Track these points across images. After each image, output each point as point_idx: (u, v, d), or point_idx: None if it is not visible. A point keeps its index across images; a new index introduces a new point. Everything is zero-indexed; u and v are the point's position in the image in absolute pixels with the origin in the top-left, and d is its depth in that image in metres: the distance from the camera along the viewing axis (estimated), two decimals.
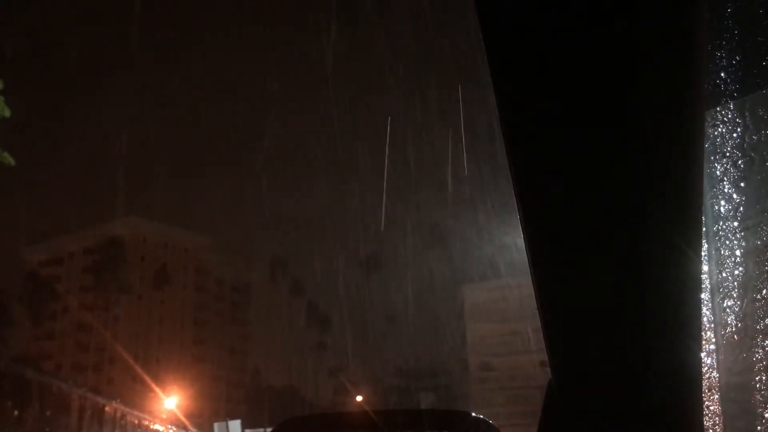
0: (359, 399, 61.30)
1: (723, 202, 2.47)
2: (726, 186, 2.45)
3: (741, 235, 2.57)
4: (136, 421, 18.79)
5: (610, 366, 1.10)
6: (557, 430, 1.23)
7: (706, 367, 2.65)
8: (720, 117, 2.30)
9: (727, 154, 2.40)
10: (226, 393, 78.25)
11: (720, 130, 2.34)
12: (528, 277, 1.10)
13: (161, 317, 77.90)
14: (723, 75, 1.99)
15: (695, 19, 0.93)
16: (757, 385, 2.71)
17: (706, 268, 2.55)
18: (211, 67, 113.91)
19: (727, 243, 2.57)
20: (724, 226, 2.53)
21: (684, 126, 0.97)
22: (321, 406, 68.90)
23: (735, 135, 2.36)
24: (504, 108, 0.99)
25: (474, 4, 0.93)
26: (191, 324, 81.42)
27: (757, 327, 2.66)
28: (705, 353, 2.64)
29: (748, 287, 2.61)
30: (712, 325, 2.65)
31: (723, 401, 2.72)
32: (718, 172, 2.43)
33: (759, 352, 2.68)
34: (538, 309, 1.11)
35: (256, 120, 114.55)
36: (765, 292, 2.60)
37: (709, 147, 2.43)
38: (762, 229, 2.59)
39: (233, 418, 33.17)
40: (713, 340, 2.67)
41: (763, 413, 2.70)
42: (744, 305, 2.63)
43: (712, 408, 2.69)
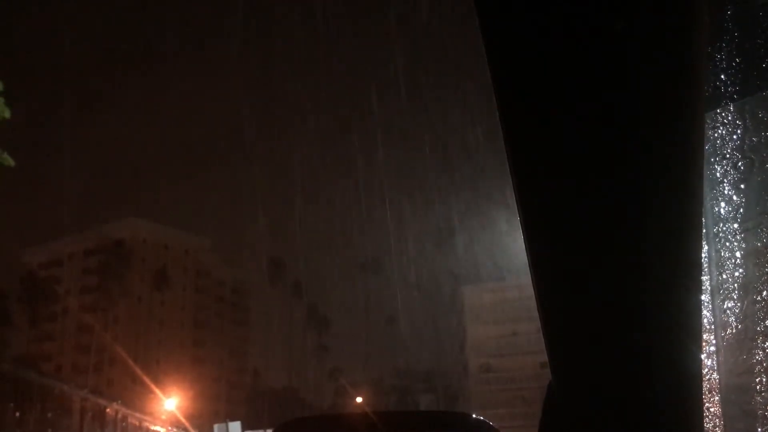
0: (359, 400, 61.19)
1: (723, 204, 2.47)
2: (726, 188, 2.45)
3: (741, 236, 2.57)
4: (137, 423, 18.77)
5: (610, 367, 1.10)
6: (557, 431, 1.23)
7: (707, 369, 2.64)
8: (720, 119, 2.30)
9: (727, 156, 2.40)
10: (226, 394, 78.14)
11: (720, 131, 2.34)
12: (528, 279, 1.11)
13: (161, 318, 77.77)
14: (723, 77, 1.99)
15: (695, 21, 0.93)
16: (758, 387, 2.70)
17: (706, 269, 2.55)
18: (211, 69, 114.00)
19: (727, 245, 2.57)
20: (724, 228, 2.53)
21: (684, 128, 0.97)
22: (321, 407, 68.79)
23: (735, 137, 2.37)
24: (504, 108, 0.99)
25: (474, 4, 0.93)
26: (191, 325, 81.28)
27: (758, 329, 2.66)
28: (705, 355, 2.64)
29: (748, 289, 2.61)
30: (713, 326, 2.65)
31: (723, 403, 2.72)
32: (718, 174, 2.43)
33: (759, 354, 2.68)
34: (538, 310, 1.11)
35: (257, 122, 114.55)
36: (765, 293, 2.59)
37: (709, 149, 2.43)
38: (762, 230, 2.59)
39: (233, 420, 33.10)
40: (713, 342, 2.67)
41: (764, 414, 2.70)
42: (744, 307, 2.63)
43: (712, 409, 2.68)
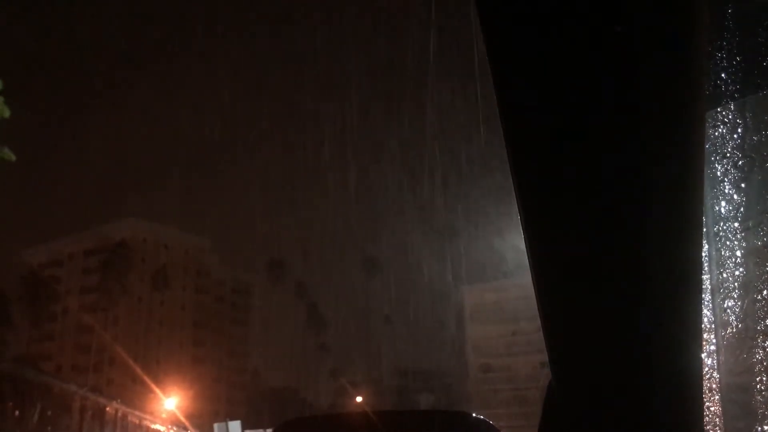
0: (359, 400, 61.18)
1: (723, 203, 2.47)
2: (726, 187, 2.45)
3: (741, 235, 2.57)
4: (137, 421, 18.78)
5: (610, 367, 1.10)
6: (558, 430, 1.23)
7: (707, 368, 2.64)
8: (720, 118, 2.30)
9: (728, 155, 2.40)
10: (226, 394, 78.16)
11: (720, 130, 2.34)
12: (528, 279, 1.11)
13: (161, 318, 77.77)
14: (723, 76, 1.99)
15: (695, 20, 0.93)
16: (758, 386, 2.70)
17: (706, 268, 2.55)
18: (210, 69, 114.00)
19: (728, 244, 2.56)
20: (725, 227, 2.53)
21: (684, 127, 0.97)
22: (321, 407, 68.79)
23: (735, 136, 2.36)
24: (505, 109, 0.99)
25: (475, 5, 0.94)
26: (191, 325, 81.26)
27: (758, 328, 2.65)
28: (705, 354, 2.63)
29: (748, 288, 2.61)
30: (713, 325, 2.65)
31: (723, 402, 2.71)
32: (719, 173, 2.43)
33: (759, 353, 2.68)
34: (538, 310, 1.11)
35: (257, 122, 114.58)
36: (765, 292, 2.59)
37: (709, 148, 2.43)
38: (762, 229, 2.59)
39: (233, 419, 33.11)
40: (714, 341, 2.66)
41: (764, 414, 2.69)
42: (745, 306, 2.63)
43: (712, 409, 2.68)
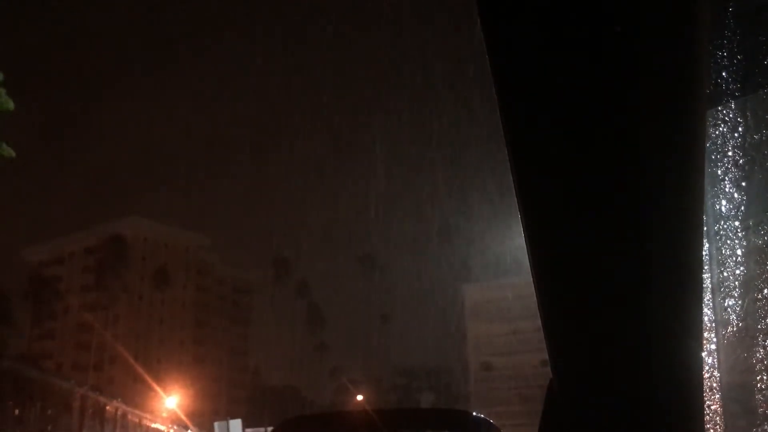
0: (360, 398, 61.23)
1: (724, 202, 2.46)
2: (727, 185, 2.44)
3: (742, 234, 2.57)
4: (136, 420, 18.80)
5: (611, 366, 1.10)
6: (559, 430, 1.23)
7: (707, 367, 2.64)
8: (721, 116, 2.30)
9: (729, 154, 2.39)
10: (227, 393, 78.24)
11: (721, 129, 2.33)
12: (529, 277, 1.10)
13: (162, 317, 77.88)
14: (724, 74, 1.98)
15: (697, 18, 0.93)
16: (759, 385, 2.70)
17: (707, 267, 2.55)
18: (210, 68, 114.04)
19: (729, 242, 2.56)
20: (726, 226, 2.52)
21: (685, 125, 0.97)
22: (321, 405, 68.83)
23: (736, 134, 2.36)
24: (505, 109, 0.99)
25: (476, 6, 0.94)
26: (192, 324, 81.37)
27: (759, 326, 2.65)
28: (706, 353, 2.63)
29: (749, 287, 2.61)
30: (714, 324, 2.64)
31: (724, 401, 2.71)
32: (719, 172, 2.42)
33: (760, 352, 2.68)
34: (539, 308, 1.11)
35: (257, 120, 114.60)
36: (766, 291, 2.59)
37: (710, 146, 2.43)
38: (763, 228, 2.59)
39: (234, 418, 33.17)
40: (714, 340, 2.66)
41: (765, 413, 2.69)
42: (745, 305, 2.63)
43: (713, 408, 2.68)
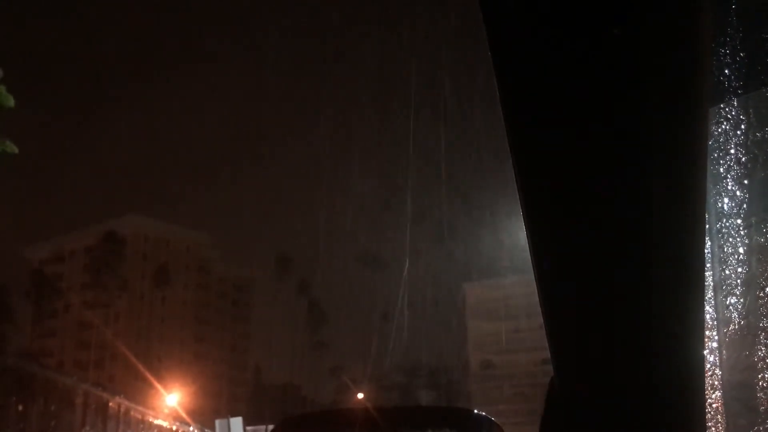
0: (360, 396, 61.27)
1: (726, 200, 2.46)
2: (729, 183, 2.44)
3: (744, 232, 2.57)
4: (139, 416, 18.80)
5: (612, 364, 1.10)
6: (559, 428, 1.23)
7: (709, 365, 2.64)
8: (723, 114, 2.29)
9: (731, 152, 2.39)
10: (228, 390, 78.29)
11: (723, 127, 2.33)
12: (530, 275, 1.10)
13: (162, 315, 77.94)
14: (727, 72, 1.98)
15: (699, 15, 0.92)
16: (760, 383, 2.70)
17: (708, 265, 2.54)
18: (211, 67, 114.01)
19: (731, 240, 2.56)
20: (727, 224, 2.52)
21: (688, 123, 0.96)
22: (322, 403, 68.84)
23: (738, 132, 2.35)
24: (508, 108, 0.99)
25: (479, 6, 0.94)
26: (193, 322, 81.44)
27: (760, 325, 2.65)
28: (707, 351, 2.63)
29: (751, 285, 2.61)
30: (715, 322, 2.64)
31: (726, 399, 2.71)
32: (722, 170, 2.42)
33: (762, 350, 2.68)
34: (540, 307, 1.11)
35: (258, 117, 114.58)
36: None
37: (712, 144, 2.42)
38: (765, 226, 2.59)
39: (235, 415, 33.21)
40: (716, 338, 2.66)
41: (766, 411, 2.69)
42: (747, 303, 2.63)
43: (714, 406, 2.68)
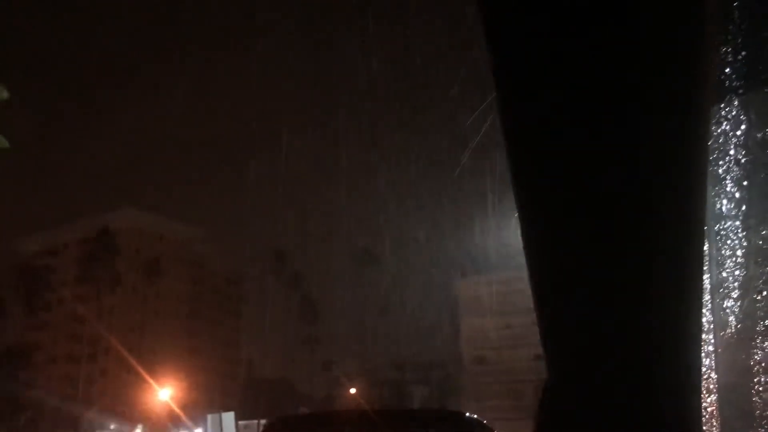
0: (353, 391, 61.57)
1: (725, 201, 2.45)
2: (728, 185, 2.43)
3: (742, 234, 2.55)
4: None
5: (607, 365, 1.09)
6: (553, 428, 1.22)
7: (705, 368, 2.63)
8: (723, 114, 2.28)
9: (730, 152, 2.38)
10: (221, 385, 78.53)
11: (723, 127, 2.31)
12: (524, 271, 1.11)
13: (155, 309, 78.06)
14: (728, 71, 1.96)
15: (701, 14, 0.93)
16: (756, 387, 2.69)
17: (706, 268, 2.53)
18: (206, 64, 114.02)
19: (729, 243, 2.54)
20: (726, 226, 2.51)
21: (688, 123, 0.96)
22: (315, 398, 69.20)
23: (738, 133, 2.34)
24: (505, 107, 0.99)
25: (477, 5, 0.95)
26: (186, 316, 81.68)
27: (757, 328, 2.64)
28: (704, 354, 2.62)
29: (748, 288, 2.59)
30: (712, 325, 2.63)
31: (721, 402, 2.71)
32: (721, 171, 2.41)
33: (758, 354, 2.67)
34: (534, 305, 1.11)
35: (252, 113, 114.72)
36: (766, 293, 2.57)
37: (711, 144, 2.41)
38: (765, 228, 2.57)
39: (227, 410, 33.35)
40: (712, 341, 2.65)
41: (762, 415, 2.68)
42: (744, 306, 2.61)
43: (709, 409, 2.67)
